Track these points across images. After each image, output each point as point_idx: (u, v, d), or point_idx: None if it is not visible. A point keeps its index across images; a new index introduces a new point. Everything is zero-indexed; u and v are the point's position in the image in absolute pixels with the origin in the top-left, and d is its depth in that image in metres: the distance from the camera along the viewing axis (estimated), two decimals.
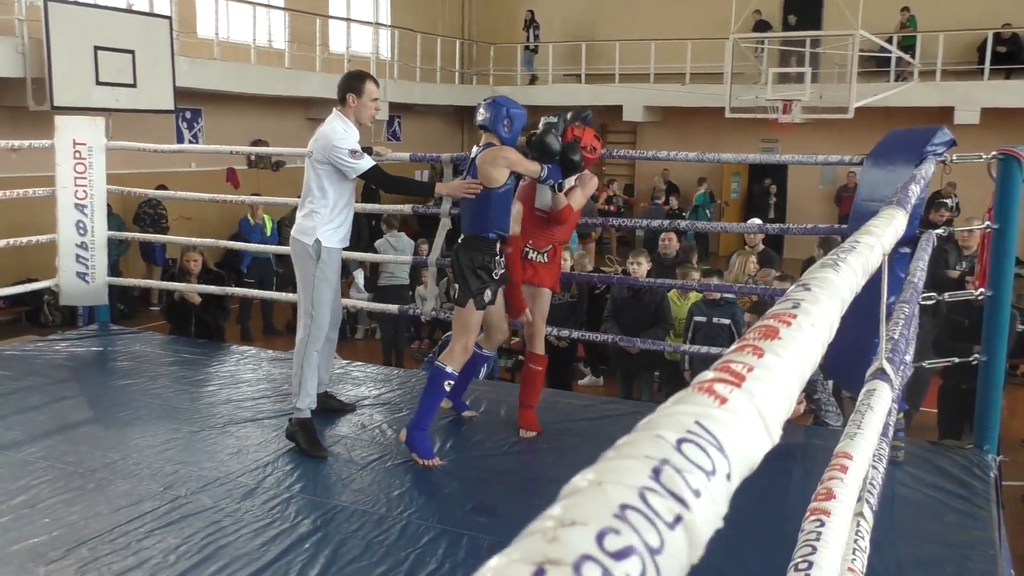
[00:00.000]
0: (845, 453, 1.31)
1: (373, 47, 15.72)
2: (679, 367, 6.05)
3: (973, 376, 3.92)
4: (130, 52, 10.39)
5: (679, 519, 0.41)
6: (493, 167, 3.70)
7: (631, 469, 0.41)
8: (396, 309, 5.82)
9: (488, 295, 3.78)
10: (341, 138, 3.79)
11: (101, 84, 10.09)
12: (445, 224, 4.94)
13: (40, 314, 10.20)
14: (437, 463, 3.68)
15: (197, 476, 3.54)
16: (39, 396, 4.59)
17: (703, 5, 16.03)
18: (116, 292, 6.63)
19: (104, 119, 6.11)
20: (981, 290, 3.80)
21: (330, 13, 15.63)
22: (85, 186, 5.67)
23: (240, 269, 9.84)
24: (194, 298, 5.97)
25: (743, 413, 0.51)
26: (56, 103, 9.43)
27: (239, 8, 13.15)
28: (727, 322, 5.62)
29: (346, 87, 3.88)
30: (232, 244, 7.59)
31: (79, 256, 5.72)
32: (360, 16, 16.22)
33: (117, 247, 9.37)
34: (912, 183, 2.41)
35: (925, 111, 13.04)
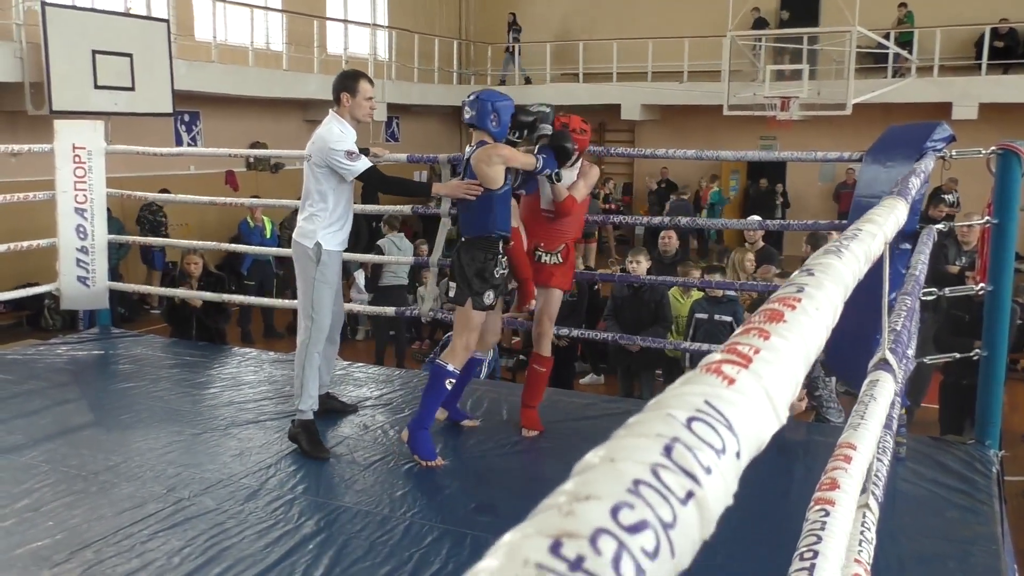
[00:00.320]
0: (849, 443, 1.31)
1: (371, 48, 15.73)
2: (680, 364, 6.06)
3: (974, 371, 3.92)
4: (128, 56, 10.39)
5: (691, 495, 0.41)
6: (489, 166, 3.67)
7: (643, 446, 0.42)
8: (393, 311, 5.82)
9: (489, 297, 3.74)
10: (337, 140, 3.77)
11: (99, 88, 10.09)
12: (445, 224, 4.94)
13: (41, 318, 10.20)
14: (440, 463, 3.68)
15: (200, 478, 3.54)
16: (41, 400, 4.59)
17: (701, 3, 16.05)
18: (116, 295, 6.62)
19: (103, 123, 6.12)
20: (981, 285, 3.80)
21: (327, 15, 15.64)
22: (85, 190, 5.67)
23: (240, 271, 9.84)
24: (195, 300, 5.98)
25: (751, 393, 0.51)
26: (55, 107, 9.43)
27: (236, 11, 13.16)
28: (729, 319, 5.61)
29: (340, 87, 3.86)
30: (232, 247, 7.60)
31: (79, 260, 5.72)
32: (357, 17, 16.23)
33: (117, 251, 9.37)
34: (912, 176, 2.41)
35: (923, 107, 13.05)
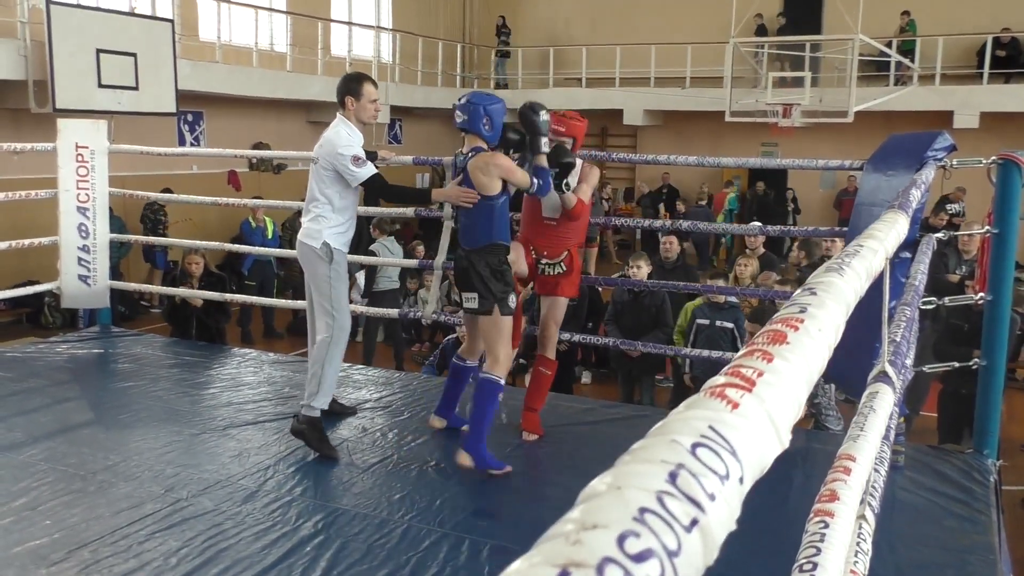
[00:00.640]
0: (848, 455, 1.32)
1: (374, 50, 15.75)
2: (681, 369, 6.07)
3: (973, 380, 3.93)
4: (132, 55, 10.41)
5: (695, 522, 0.42)
6: (485, 175, 3.61)
7: (648, 473, 0.42)
8: (396, 313, 5.83)
9: (512, 300, 3.66)
10: (346, 145, 3.79)
11: (103, 87, 10.11)
12: (448, 227, 4.94)
13: (41, 316, 10.21)
14: (508, 470, 3.65)
15: (198, 479, 3.55)
16: (40, 398, 4.59)
17: (703, 9, 16.07)
18: (117, 294, 6.63)
19: (106, 122, 6.13)
20: (981, 294, 3.81)
21: (332, 16, 15.66)
22: (87, 189, 5.68)
23: (241, 271, 9.85)
24: (195, 300, 5.98)
25: (755, 418, 0.52)
26: (58, 105, 9.45)
27: (241, 11, 13.18)
28: (730, 326, 5.59)
29: (344, 90, 3.88)
30: (234, 247, 7.60)
31: (81, 259, 5.73)
32: (361, 20, 16.25)
33: (118, 249, 9.37)
34: (913, 187, 2.42)
35: (924, 115, 13.06)
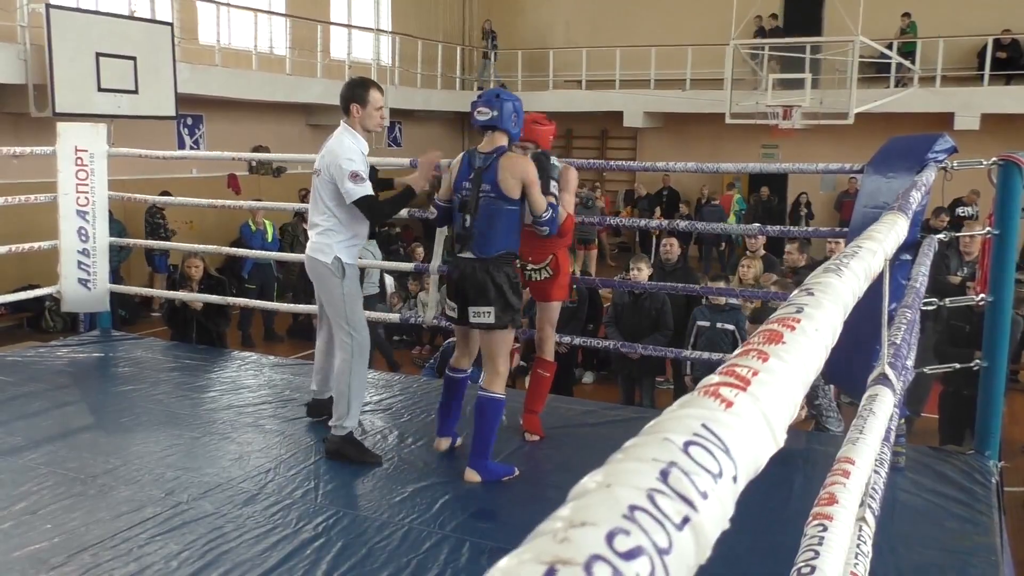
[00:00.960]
0: (847, 458, 1.32)
1: (374, 53, 15.76)
2: (682, 370, 6.07)
3: (974, 382, 3.93)
4: (132, 59, 10.42)
5: (687, 520, 0.41)
6: (515, 178, 3.43)
7: (639, 471, 0.42)
8: (397, 318, 5.83)
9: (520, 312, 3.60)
10: (348, 158, 3.61)
11: (103, 90, 10.12)
12: (443, 231, 4.90)
13: (41, 320, 10.22)
14: (517, 473, 3.64)
15: (199, 482, 3.54)
16: (41, 402, 4.59)
17: (704, 11, 16.08)
18: (117, 298, 6.63)
19: (106, 125, 6.13)
20: (982, 296, 3.81)
21: (331, 19, 15.67)
22: (87, 192, 5.68)
23: (241, 275, 9.85)
24: (196, 304, 5.98)
25: (748, 417, 0.52)
26: (58, 109, 9.46)
27: (240, 15, 13.20)
28: (731, 328, 5.58)
29: (349, 96, 3.69)
30: (234, 251, 7.60)
31: (81, 263, 5.72)
32: (361, 22, 16.27)
33: (118, 253, 9.38)
34: (913, 189, 2.42)
35: (925, 117, 13.06)
